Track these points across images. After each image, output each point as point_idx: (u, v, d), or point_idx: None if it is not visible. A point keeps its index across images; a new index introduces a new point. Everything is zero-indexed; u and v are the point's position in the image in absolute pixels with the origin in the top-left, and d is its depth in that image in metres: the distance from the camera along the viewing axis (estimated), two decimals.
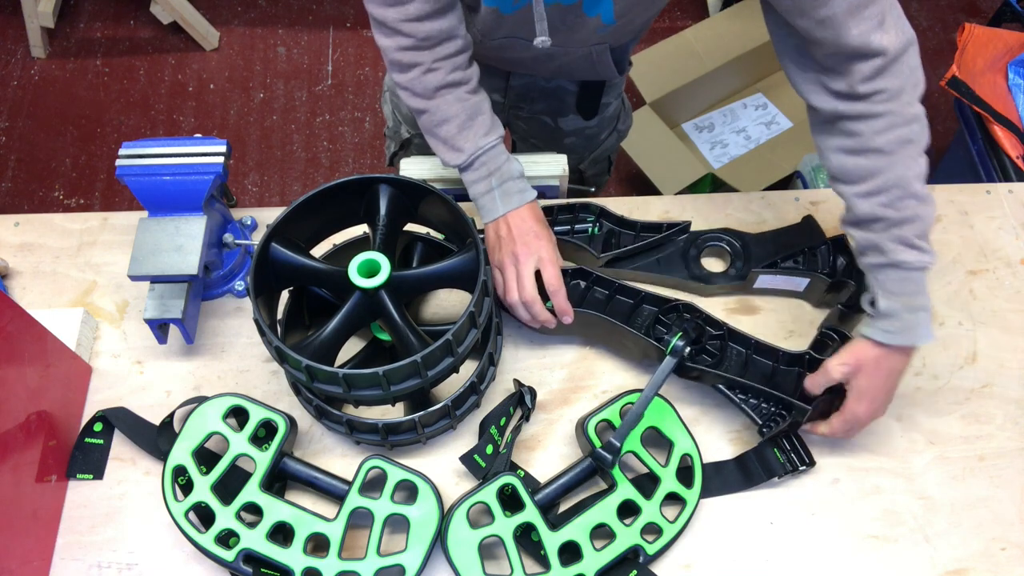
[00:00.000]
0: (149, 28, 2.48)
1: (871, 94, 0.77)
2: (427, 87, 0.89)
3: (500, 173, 0.91)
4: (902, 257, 0.79)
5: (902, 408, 0.96)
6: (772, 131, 2.29)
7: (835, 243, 0.99)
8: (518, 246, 0.89)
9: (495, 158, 0.91)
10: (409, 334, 0.84)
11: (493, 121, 0.92)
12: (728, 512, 0.89)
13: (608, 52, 1.02)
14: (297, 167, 2.24)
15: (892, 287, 0.81)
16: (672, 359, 0.86)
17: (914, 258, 0.79)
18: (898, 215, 0.79)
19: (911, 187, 0.78)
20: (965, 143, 1.68)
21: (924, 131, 0.78)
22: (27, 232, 1.07)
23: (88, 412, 0.94)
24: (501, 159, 0.91)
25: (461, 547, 0.80)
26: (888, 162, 0.78)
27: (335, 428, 0.89)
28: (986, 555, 0.87)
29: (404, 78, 0.90)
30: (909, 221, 0.79)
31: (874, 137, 0.78)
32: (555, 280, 0.89)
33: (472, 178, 0.92)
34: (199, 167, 0.93)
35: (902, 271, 0.80)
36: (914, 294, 0.80)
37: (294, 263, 0.87)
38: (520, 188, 0.91)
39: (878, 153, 0.78)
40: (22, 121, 2.30)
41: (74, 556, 0.86)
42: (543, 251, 0.89)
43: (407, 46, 0.87)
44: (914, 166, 0.78)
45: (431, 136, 0.93)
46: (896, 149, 0.78)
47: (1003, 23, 2.00)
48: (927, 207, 0.79)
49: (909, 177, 0.78)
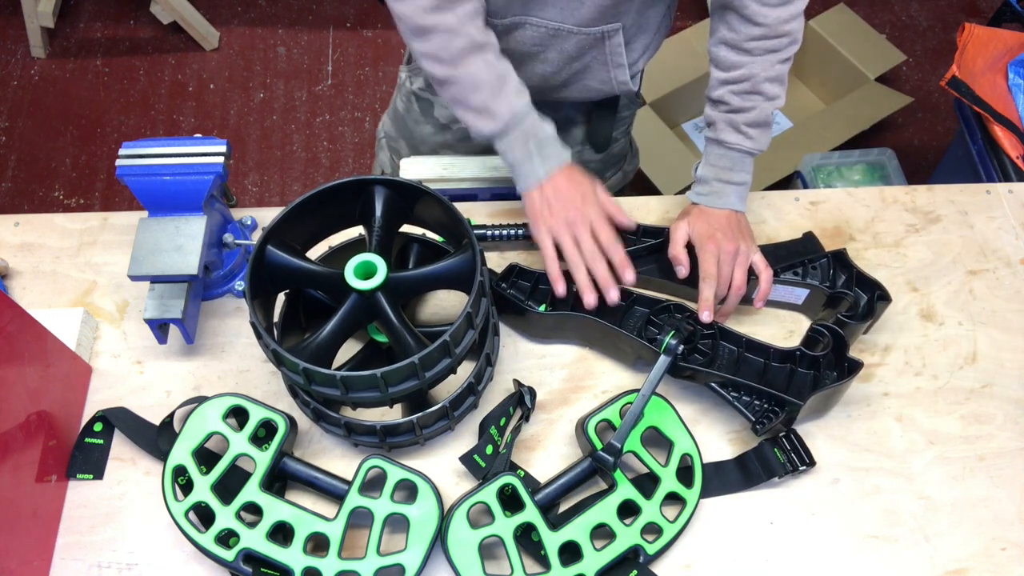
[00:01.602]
0: (149, 28, 2.48)
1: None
2: (453, 51, 0.87)
3: (537, 136, 0.90)
4: (725, 137, 0.95)
5: (902, 408, 0.96)
6: (772, 131, 2.29)
7: (835, 256, 0.99)
8: (570, 211, 0.90)
9: (530, 120, 0.90)
10: (406, 335, 0.84)
11: (520, 84, 0.91)
12: (728, 512, 0.89)
13: (621, 40, 1.01)
14: (297, 167, 2.24)
15: (712, 159, 0.97)
16: (666, 358, 0.86)
17: (735, 140, 0.95)
18: (739, 103, 0.94)
19: (760, 86, 0.93)
20: (965, 143, 1.68)
21: (792, 45, 0.93)
22: (27, 232, 1.07)
23: (88, 412, 0.94)
24: (536, 120, 0.91)
25: (461, 547, 0.80)
26: (749, 61, 0.93)
27: (333, 431, 0.89)
28: (986, 555, 0.87)
29: (427, 46, 0.88)
30: (746, 111, 0.94)
31: (747, 41, 0.92)
32: (610, 240, 0.91)
33: (508, 144, 0.91)
34: (199, 167, 0.93)
35: (723, 148, 0.96)
36: (727, 169, 0.96)
37: (290, 266, 0.87)
38: (557, 149, 0.91)
39: (746, 54, 0.93)
40: (22, 121, 2.30)
41: (74, 556, 0.86)
42: (593, 213, 0.90)
43: (429, 7, 0.86)
44: (771, 70, 0.93)
45: (460, 106, 0.91)
46: (761, 54, 0.92)
47: (1003, 23, 2.00)
48: (769, 104, 0.94)
49: (762, 78, 0.93)
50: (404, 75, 1.23)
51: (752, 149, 0.96)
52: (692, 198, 0.98)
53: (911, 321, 1.02)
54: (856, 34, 2.26)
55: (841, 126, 2.13)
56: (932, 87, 2.42)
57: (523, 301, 0.97)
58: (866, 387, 0.97)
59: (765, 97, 0.94)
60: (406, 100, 1.25)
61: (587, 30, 0.99)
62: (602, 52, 1.02)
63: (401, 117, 1.27)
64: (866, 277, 0.97)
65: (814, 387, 0.91)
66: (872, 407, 0.96)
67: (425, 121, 1.23)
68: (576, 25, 0.97)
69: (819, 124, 2.15)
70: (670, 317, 0.95)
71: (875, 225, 1.10)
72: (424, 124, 1.23)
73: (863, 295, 0.97)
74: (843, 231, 1.09)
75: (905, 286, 1.05)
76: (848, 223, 1.10)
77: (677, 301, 0.95)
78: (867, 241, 1.09)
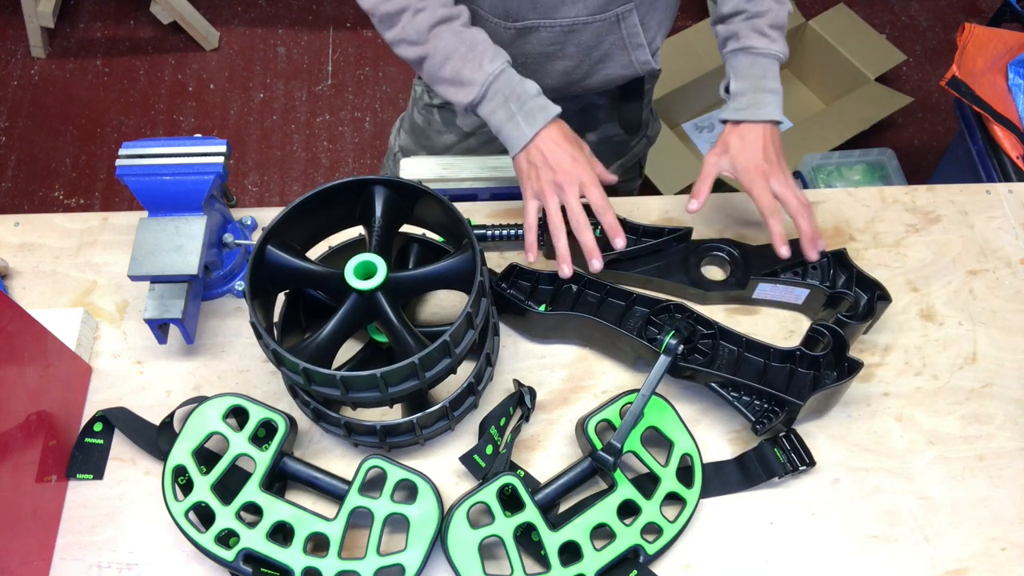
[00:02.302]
0: (149, 28, 2.48)
1: None
2: (420, 29, 0.87)
3: (518, 95, 0.88)
4: (752, 42, 0.93)
5: (902, 408, 0.96)
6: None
7: (835, 256, 0.99)
8: (558, 174, 0.87)
9: (508, 81, 0.88)
10: (406, 335, 0.84)
11: (496, 48, 0.89)
12: (728, 512, 0.89)
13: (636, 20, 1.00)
14: (297, 167, 2.24)
15: (742, 70, 0.94)
16: (666, 358, 0.86)
17: (763, 44, 0.93)
18: (755, 8, 0.93)
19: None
20: (965, 143, 1.68)
21: None
22: (27, 232, 1.07)
23: (88, 412, 0.94)
24: (514, 80, 0.88)
25: (461, 547, 0.80)
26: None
27: (333, 431, 0.89)
28: (986, 555, 0.87)
29: (395, 32, 0.88)
30: (763, 14, 0.93)
31: None
32: (601, 200, 0.88)
33: (489, 109, 0.89)
34: (199, 167, 0.93)
35: (751, 55, 0.93)
36: (760, 77, 0.93)
37: (290, 266, 0.87)
38: (541, 105, 0.88)
39: None
40: (22, 121, 2.30)
41: (74, 556, 0.86)
42: (583, 174, 0.87)
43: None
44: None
45: (438, 83, 0.91)
46: None
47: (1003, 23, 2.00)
48: (782, 7, 0.94)
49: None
50: (420, 88, 1.23)
51: (779, 53, 0.95)
52: (730, 115, 0.95)
53: (911, 321, 1.02)
54: (856, 34, 2.26)
55: (841, 126, 2.13)
56: (932, 87, 2.42)
57: (523, 301, 0.97)
58: (866, 387, 0.97)
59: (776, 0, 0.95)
60: (425, 112, 1.24)
61: (601, 16, 0.98)
62: (619, 36, 1.02)
63: (420, 130, 1.26)
64: (866, 277, 0.97)
65: (814, 387, 0.91)
66: (872, 407, 0.96)
67: (448, 131, 1.22)
68: (590, 15, 0.97)
69: (819, 124, 2.15)
70: (670, 317, 0.95)
71: (875, 225, 1.10)
72: (447, 134, 1.23)
73: (863, 295, 0.97)
74: (843, 231, 1.09)
75: (905, 286, 1.05)
76: (848, 223, 1.10)
77: (677, 301, 0.95)
78: (867, 241, 1.09)
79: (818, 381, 0.91)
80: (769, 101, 0.93)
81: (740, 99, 0.94)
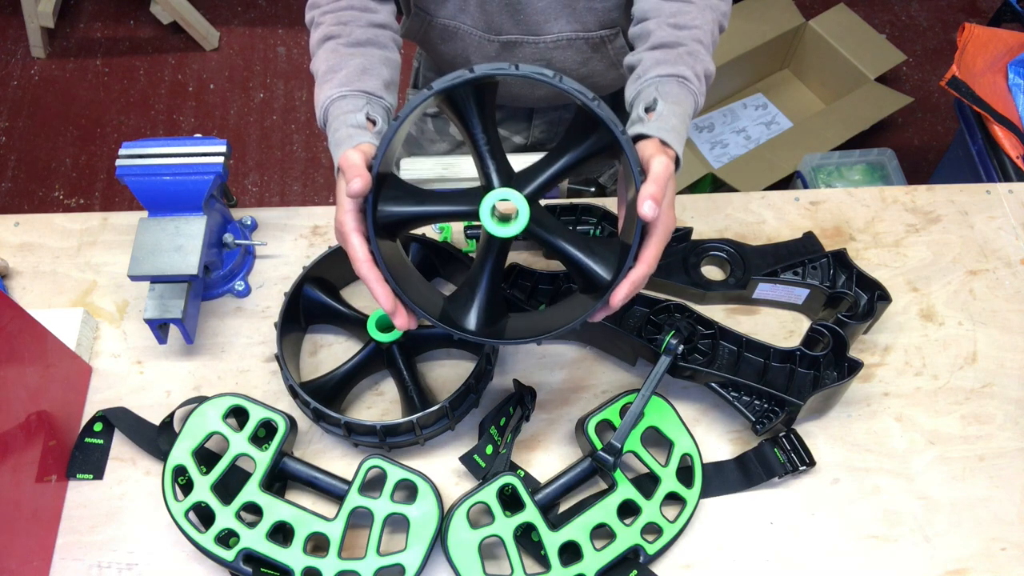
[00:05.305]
0: (149, 28, 2.48)
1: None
2: (314, 44, 0.84)
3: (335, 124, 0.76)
4: (687, 73, 0.86)
5: (902, 408, 0.96)
6: (772, 131, 2.30)
7: (835, 256, 0.99)
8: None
9: (338, 108, 0.77)
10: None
11: (361, 76, 0.78)
12: (728, 512, 0.89)
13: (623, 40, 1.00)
14: (297, 167, 2.24)
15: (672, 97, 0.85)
16: (667, 357, 0.86)
17: (693, 76, 0.86)
18: (692, 48, 0.87)
19: (704, 36, 0.87)
20: (965, 143, 1.68)
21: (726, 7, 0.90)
22: (27, 232, 1.07)
23: (88, 412, 0.94)
24: (345, 109, 0.76)
25: (461, 547, 0.80)
26: (697, 9, 0.87)
27: (333, 431, 0.89)
28: (986, 555, 0.87)
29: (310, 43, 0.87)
30: (695, 56, 0.87)
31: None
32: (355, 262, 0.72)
33: (328, 133, 0.78)
34: (199, 167, 0.93)
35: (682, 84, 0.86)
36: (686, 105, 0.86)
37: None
38: (348, 135, 0.74)
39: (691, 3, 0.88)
40: (22, 121, 2.30)
41: (74, 556, 0.86)
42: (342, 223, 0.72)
43: (308, 6, 0.87)
44: (711, 19, 0.88)
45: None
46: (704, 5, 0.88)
47: (1003, 23, 2.00)
48: (708, 58, 0.88)
49: (707, 29, 0.88)
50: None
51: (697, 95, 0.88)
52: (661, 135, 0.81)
53: (911, 321, 1.02)
54: (856, 34, 2.26)
55: (841, 126, 2.13)
56: (932, 87, 2.42)
57: (523, 301, 0.97)
58: (866, 387, 0.97)
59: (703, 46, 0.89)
60: (419, 122, 1.24)
61: (584, 35, 0.99)
62: (606, 54, 1.02)
63: (413, 139, 1.26)
64: (866, 277, 0.97)
65: (814, 387, 0.91)
66: (872, 407, 0.96)
67: (441, 139, 1.22)
68: (574, 32, 0.97)
69: (819, 124, 2.15)
70: (670, 317, 0.95)
71: (875, 225, 1.10)
72: (440, 142, 1.23)
73: (863, 295, 0.97)
74: (843, 231, 1.09)
75: (905, 286, 1.05)
76: (848, 223, 1.10)
77: (677, 301, 0.95)
78: (867, 241, 1.09)
79: (818, 381, 0.91)
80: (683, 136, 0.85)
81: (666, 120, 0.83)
